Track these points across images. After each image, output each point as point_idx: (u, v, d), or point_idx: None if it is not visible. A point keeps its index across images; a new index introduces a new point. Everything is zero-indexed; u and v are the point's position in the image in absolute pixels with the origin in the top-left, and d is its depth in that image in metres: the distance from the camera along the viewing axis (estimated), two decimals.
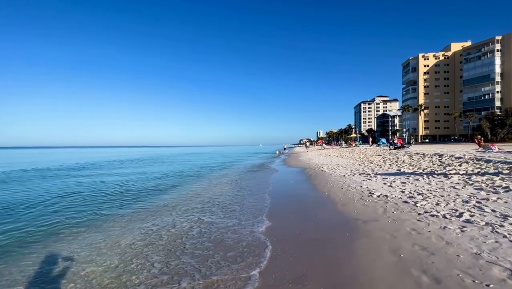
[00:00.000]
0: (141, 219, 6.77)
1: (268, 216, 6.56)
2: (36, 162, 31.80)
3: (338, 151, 32.62)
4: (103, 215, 7.34)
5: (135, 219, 6.79)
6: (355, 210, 6.37)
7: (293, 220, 6.12)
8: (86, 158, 43.45)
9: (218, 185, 12.32)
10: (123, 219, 6.82)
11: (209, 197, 9.32)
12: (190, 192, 10.66)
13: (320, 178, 12.05)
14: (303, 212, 6.71)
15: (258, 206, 7.70)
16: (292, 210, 6.96)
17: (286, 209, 7.23)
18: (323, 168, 15.94)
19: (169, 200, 9.17)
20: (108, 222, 6.58)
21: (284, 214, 6.65)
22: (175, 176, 16.78)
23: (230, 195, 9.46)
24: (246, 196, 9.40)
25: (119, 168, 24.05)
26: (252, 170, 18.99)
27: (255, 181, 13.35)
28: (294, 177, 13.68)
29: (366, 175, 11.28)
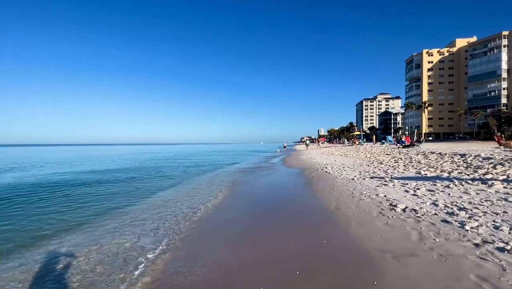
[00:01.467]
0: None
1: (253, 238, 4.78)
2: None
3: (341, 149, 30.76)
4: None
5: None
6: (377, 233, 4.56)
7: (291, 246, 4.31)
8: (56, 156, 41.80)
9: (195, 190, 10.52)
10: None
11: (170, 213, 6.84)
12: (145, 205, 8.40)
13: (324, 181, 10.23)
14: (304, 233, 4.91)
15: (238, 226, 5.92)
16: (290, 229, 5.17)
17: (281, 228, 5.43)
18: (327, 168, 14.13)
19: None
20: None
21: (279, 236, 4.86)
22: (148, 178, 15.01)
23: (199, 202, 7.68)
24: (231, 207, 7.62)
25: (79, 166, 22.30)
26: (247, 170, 17.20)
27: (246, 185, 11.55)
28: (293, 180, 11.86)
29: (380, 178, 9.45)
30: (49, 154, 53.04)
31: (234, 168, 19.67)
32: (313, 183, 10.23)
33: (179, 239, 4.97)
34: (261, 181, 12.25)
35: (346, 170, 12.82)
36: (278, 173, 15.10)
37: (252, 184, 11.43)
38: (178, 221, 6.15)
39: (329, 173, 12.41)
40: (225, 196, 8.86)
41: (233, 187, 10.76)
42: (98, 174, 16.82)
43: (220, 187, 10.85)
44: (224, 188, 10.51)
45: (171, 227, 5.72)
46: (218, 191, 9.74)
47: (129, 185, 12.23)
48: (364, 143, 35.54)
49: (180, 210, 7.19)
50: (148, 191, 10.42)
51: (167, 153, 54.08)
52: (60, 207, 7.99)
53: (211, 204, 7.66)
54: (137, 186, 11.90)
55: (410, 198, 6.45)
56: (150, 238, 5.09)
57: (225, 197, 8.62)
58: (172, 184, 12.13)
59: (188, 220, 6.18)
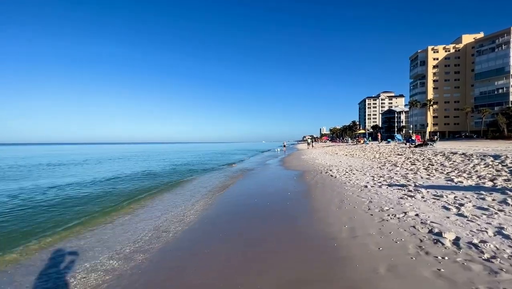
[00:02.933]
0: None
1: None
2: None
3: (345, 148, 28.69)
4: None
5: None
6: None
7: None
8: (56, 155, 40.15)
9: (167, 208, 8.61)
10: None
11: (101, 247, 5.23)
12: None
13: (330, 189, 8.27)
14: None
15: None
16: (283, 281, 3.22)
17: (268, 279, 3.47)
18: (332, 171, 12.16)
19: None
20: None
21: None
22: (131, 180, 13.14)
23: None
24: (202, 235, 5.70)
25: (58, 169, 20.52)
26: (240, 173, 15.29)
27: (232, 195, 9.62)
28: (292, 186, 9.87)
29: (401, 187, 7.45)
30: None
31: (228, 169, 17.76)
32: (317, 191, 8.26)
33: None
34: (253, 188, 10.30)
35: (355, 173, 10.83)
36: (274, 176, 13.15)
37: (241, 193, 9.49)
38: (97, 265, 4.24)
39: (335, 177, 10.43)
40: (201, 210, 6.93)
41: (217, 195, 8.83)
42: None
43: (202, 194, 8.93)
44: (206, 196, 8.59)
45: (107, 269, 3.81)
46: (194, 204, 7.81)
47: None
48: (370, 142, 33.42)
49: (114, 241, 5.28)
50: (124, 194, 8.56)
51: (163, 152, 52.36)
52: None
53: (174, 229, 5.73)
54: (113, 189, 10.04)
55: (457, 221, 4.47)
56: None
57: (200, 214, 6.69)
58: (148, 189, 10.25)
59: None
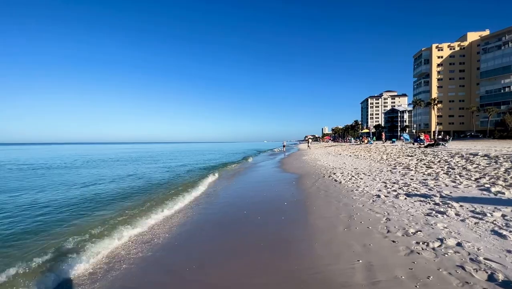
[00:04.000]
0: None
1: None
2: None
3: (348, 148, 27.11)
4: None
5: None
6: None
7: None
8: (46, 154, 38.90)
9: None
10: None
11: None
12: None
13: (335, 198, 6.79)
14: None
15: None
16: None
17: None
18: (336, 174, 10.67)
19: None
20: None
21: None
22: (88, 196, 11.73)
23: None
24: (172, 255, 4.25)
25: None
26: (232, 173, 13.86)
27: (216, 206, 8.17)
28: (289, 194, 8.39)
29: (423, 197, 5.94)
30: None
31: (221, 171, 16.33)
32: (318, 201, 6.78)
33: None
34: (243, 196, 8.85)
35: (363, 178, 9.33)
36: (271, 180, 11.68)
37: (228, 202, 8.04)
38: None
39: (339, 182, 8.94)
40: (174, 226, 5.48)
41: (199, 208, 7.38)
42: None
43: (182, 201, 7.49)
44: (186, 207, 7.14)
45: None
46: (168, 220, 6.37)
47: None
48: (374, 142, 31.80)
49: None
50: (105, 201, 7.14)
51: (168, 152, 51.05)
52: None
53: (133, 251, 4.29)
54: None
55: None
56: None
57: (170, 232, 5.24)
58: (123, 196, 8.82)
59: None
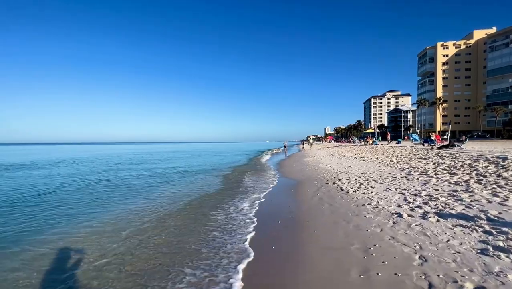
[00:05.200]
0: None
1: None
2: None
3: (353, 149, 25.45)
4: None
5: None
6: None
7: None
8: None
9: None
10: None
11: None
12: None
13: (342, 217, 5.27)
14: None
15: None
16: None
17: None
18: (341, 180, 9.13)
19: None
20: None
21: None
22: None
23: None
24: None
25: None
26: (221, 178, 12.38)
27: (189, 223, 6.65)
28: (285, 207, 6.88)
29: (463, 219, 4.37)
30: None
31: (211, 175, 14.85)
32: (321, 221, 5.25)
33: None
34: (218, 213, 7.35)
35: (374, 185, 7.78)
36: (265, 187, 10.17)
37: (208, 218, 6.53)
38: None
39: (346, 191, 7.41)
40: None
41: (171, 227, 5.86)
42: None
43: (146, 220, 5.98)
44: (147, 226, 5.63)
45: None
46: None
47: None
48: (379, 143, 30.15)
49: None
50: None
51: (160, 153, 49.71)
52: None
53: None
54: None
55: None
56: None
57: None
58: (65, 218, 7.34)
59: None
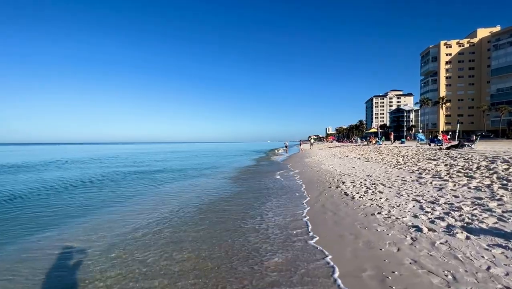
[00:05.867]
0: None
1: None
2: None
3: (355, 149, 24.54)
4: None
5: None
6: None
7: None
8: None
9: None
10: None
11: None
12: None
13: (348, 230, 4.42)
14: None
15: None
16: None
17: None
18: (345, 184, 8.29)
19: None
20: None
21: None
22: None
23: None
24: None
25: None
26: (208, 184, 11.55)
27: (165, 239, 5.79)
28: (281, 215, 6.11)
29: (500, 237, 3.53)
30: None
31: (198, 181, 14.04)
32: (323, 233, 4.42)
33: None
34: (214, 220, 6.51)
35: (382, 190, 6.92)
36: (260, 190, 9.33)
37: (185, 231, 5.69)
38: None
39: (351, 197, 6.56)
40: None
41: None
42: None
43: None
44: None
45: None
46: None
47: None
48: (383, 143, 29.23)
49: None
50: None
51: (153, 154, 49.02)
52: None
53: None
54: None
55: None
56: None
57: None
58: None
59: None
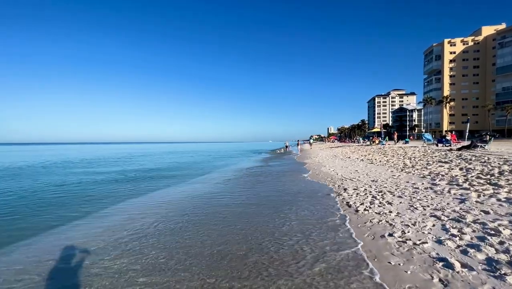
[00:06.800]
0: None
1: None
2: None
3: (358, 150, 23.36)
4: None
5: None
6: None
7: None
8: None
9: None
10: None
11: None
12: None
13: (352, 265, 3.35)
14: None
15: None
16: None
17: None
18: (347, 191, 7.19)
19: None
20: None
21: None
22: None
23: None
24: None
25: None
26: (190, 194, 10.49)
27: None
28: (266, 238, 5.04)
29: None
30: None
31: (184, 187, 12.96)
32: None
33: None
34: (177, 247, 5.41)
35: (391, 200, 5.82)
36: (241, 205, 8.24)
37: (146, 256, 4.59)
38: None
39: (355, 210, 5.47)
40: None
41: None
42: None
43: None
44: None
45: None
46: None
47: None
48: (386, 143, 28.02)
49: None
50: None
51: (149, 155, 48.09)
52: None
53: None
54: None
55: None
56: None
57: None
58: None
59: None
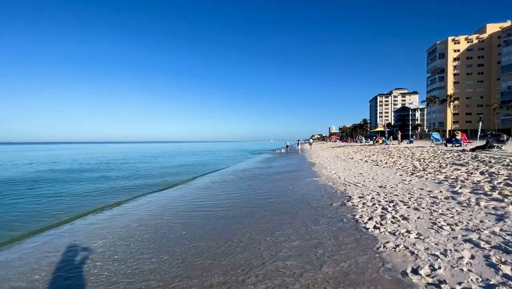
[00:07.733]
0: None
1: None
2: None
3: (361, 150, 22.27)
4: None
5: None
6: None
7: None
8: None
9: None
10: None
11: None
12: None
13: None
14: None
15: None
16: None
17: None
18: (352, 199, 6.15)
19: None
20: None
21: None
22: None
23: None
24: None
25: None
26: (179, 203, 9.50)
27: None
28: (268, 254, 4.04)
29: None
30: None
31: (171, 193, 11.95)
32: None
33: None
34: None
35: (406, 214, 4.79)
36: (233, 217, 7.21)
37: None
38: None
39: (364, 226, 4.46)
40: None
41: None
42: None
43: None
44: None
45: None
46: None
47: None
48: (390, 143, 26.91)
49: None
50: None
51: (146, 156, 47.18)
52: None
53: None
54: None
55: None
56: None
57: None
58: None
59: None
